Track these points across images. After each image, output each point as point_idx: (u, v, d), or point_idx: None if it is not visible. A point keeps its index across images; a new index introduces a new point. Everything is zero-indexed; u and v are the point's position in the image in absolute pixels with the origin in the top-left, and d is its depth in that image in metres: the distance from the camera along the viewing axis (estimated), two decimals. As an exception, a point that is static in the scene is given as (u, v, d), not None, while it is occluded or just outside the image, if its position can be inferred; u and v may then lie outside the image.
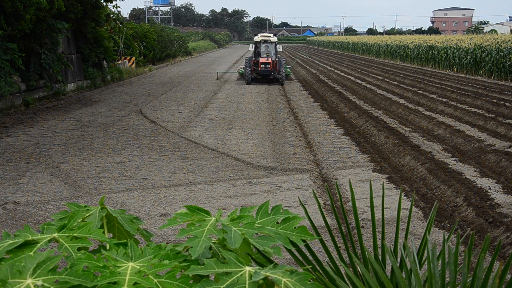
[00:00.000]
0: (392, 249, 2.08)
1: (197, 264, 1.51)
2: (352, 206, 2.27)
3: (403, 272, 2.01)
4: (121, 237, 1.81)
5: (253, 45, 27.02)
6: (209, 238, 1.59)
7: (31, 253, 1.45)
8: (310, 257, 2.08)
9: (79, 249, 1.52)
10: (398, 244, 2.12)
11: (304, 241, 1.63)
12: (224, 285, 1.40)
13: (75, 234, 1.55)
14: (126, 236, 1.82)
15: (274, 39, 27.49)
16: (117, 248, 1.55)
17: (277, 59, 26.72)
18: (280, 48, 26.78)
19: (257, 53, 27.22)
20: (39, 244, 1.49)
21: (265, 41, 27.25)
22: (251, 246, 1.71)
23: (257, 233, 1.62)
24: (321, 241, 1.97)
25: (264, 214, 1.70)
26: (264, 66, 26.38)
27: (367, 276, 1.85)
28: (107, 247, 1.60)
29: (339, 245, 5.60)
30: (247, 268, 1.46)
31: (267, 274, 1.43)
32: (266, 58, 26.48)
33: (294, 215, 1.68)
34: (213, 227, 1.63)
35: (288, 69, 29.79)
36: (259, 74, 26.77)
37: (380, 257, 2.08)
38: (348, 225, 2.12)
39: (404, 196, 8.54)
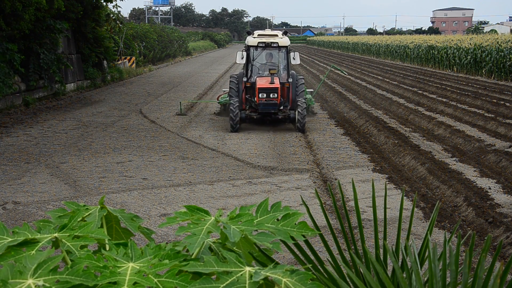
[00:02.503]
0: (393, 249, 2.07)
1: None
2: (354, 206, 2.26)
3: (405, 273, 2.01)
4: (118, 238, 1.80)
5: (244, 53, 14.83)
6: (208, 235, 1.58)
7: (33, 251, 1.45)
8: (312, 257, 2.08)
9: (81, 247, 1.52)
10: (400, 244, 2.12)
11: (304, 236, 1.63)
12: (224, 284, 1.40)
13: (76, 234, 1.55)
14: (123, 237, 1.81)
15: (284, 40, 15.05)
16: (117, 248, 1.54)
17: (290, 81, 14.78)
18: (297, 59, 14.89)
19: (250, 68, 15.00)
20: (40, 244, 1.49)
21: (266, 45, 15.00)
22: (253, 244, 1.71)
23: (256, 230, 1.62)
24: (321, 236, 1.97)
25: (264, 211, 1.70)
26: (265, 94, 14.08)
27: (368, 276, 1.85)
28: (107, 248, 1.60)
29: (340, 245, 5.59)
30: (247, 268, 1.45)
31: (268, 274, 1.42)
32: (269, 79, 14.25)
33: (294, 211, 1.68)
34: (212, 226, 1.63)
35: (309, 96, 16.40)
36: (257, 111, 14.39)
37: (381, 257, 2.08)
38: (350, 225, 2.12)
39: (404, 196, 8.54)
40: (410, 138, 13.05)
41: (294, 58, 14.82)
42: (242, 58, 14.75)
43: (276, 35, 15.19)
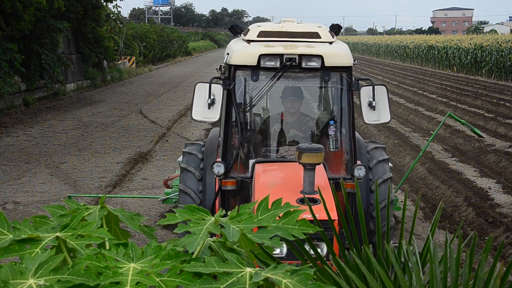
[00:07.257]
0: (395, 250, 2.07)
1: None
2: (357, 205, 2.26)
3: (407, 274, 2.00)
4: (117, 239, 1.80)
5: (219, 89, 5.05)
6: (207, 234, 1.58)
7: (37, 249, 1.44)
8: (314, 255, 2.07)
9: (87, 246, 1.52)
10: (402, 245, 2.12)
11: (305, 234, 1.62)
12: (225, 285, 1.39)
13: (79, 233, 1.55)
14: (121, 238, 1.81)
15: (340, 51, 5.01)
16: (117, 248, 1.54)
17: (361, 174, 4.70)
18: (385, 110, 5.05)
19: (239, 136, 5.03)
20: (44, 242, 1.49)
21: (288, 64, 4.68)
22: (255, 243, 1.70)
23: (257, 228, 1.61)
24: (323, 234, 1.96)
25: (265, 209, 1.68)
26: None
27: (368, 277, 1.84)
28: (107, 248, 1.60)
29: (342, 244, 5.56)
30: (248, 269, 1.45)
31: (268, 275, 1.42)
32: (299, 179, 4.13)
33: (295, 207, 1.66)
34: (212, 226, 1.62)
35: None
36: None
37: (383, 257, 2.08)
38: (353, 224, 2.12)
39: (403, 195, 8.54)
40: (410, 138, 13.04)
41: (373, 106, 5.18)
42: (212, 105, 5.19)
43: (317, 35, 5.16)
